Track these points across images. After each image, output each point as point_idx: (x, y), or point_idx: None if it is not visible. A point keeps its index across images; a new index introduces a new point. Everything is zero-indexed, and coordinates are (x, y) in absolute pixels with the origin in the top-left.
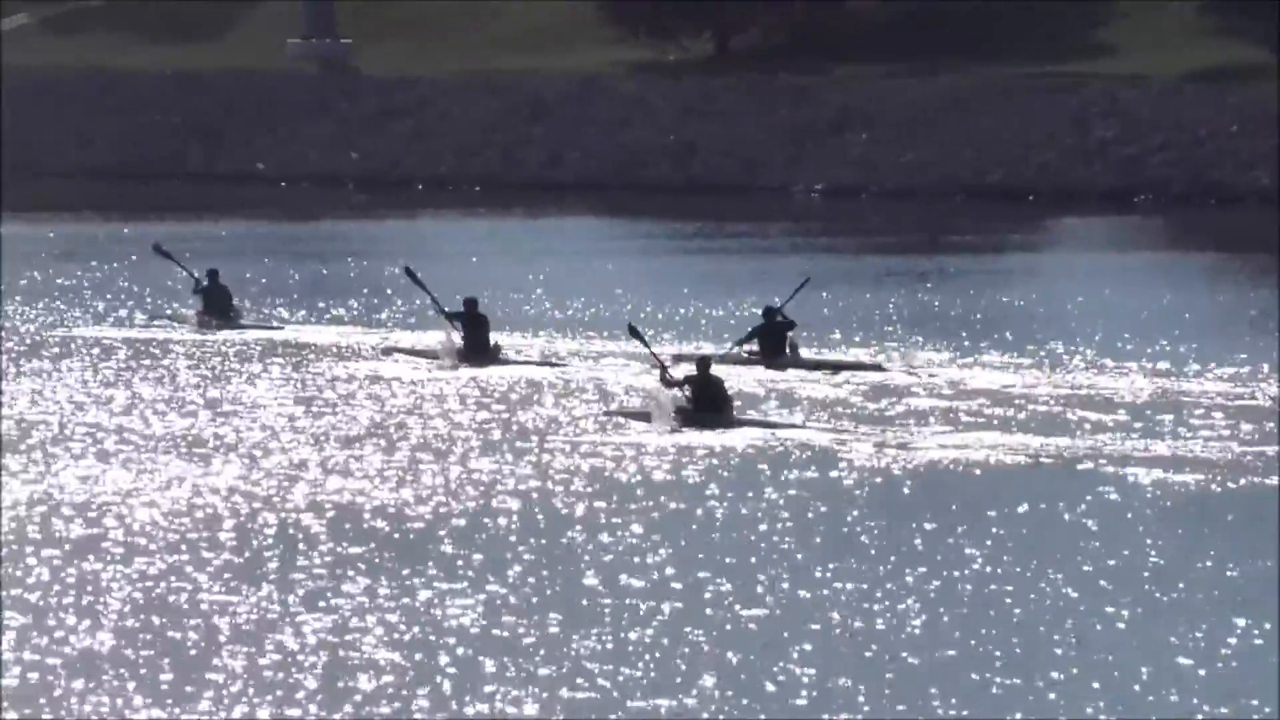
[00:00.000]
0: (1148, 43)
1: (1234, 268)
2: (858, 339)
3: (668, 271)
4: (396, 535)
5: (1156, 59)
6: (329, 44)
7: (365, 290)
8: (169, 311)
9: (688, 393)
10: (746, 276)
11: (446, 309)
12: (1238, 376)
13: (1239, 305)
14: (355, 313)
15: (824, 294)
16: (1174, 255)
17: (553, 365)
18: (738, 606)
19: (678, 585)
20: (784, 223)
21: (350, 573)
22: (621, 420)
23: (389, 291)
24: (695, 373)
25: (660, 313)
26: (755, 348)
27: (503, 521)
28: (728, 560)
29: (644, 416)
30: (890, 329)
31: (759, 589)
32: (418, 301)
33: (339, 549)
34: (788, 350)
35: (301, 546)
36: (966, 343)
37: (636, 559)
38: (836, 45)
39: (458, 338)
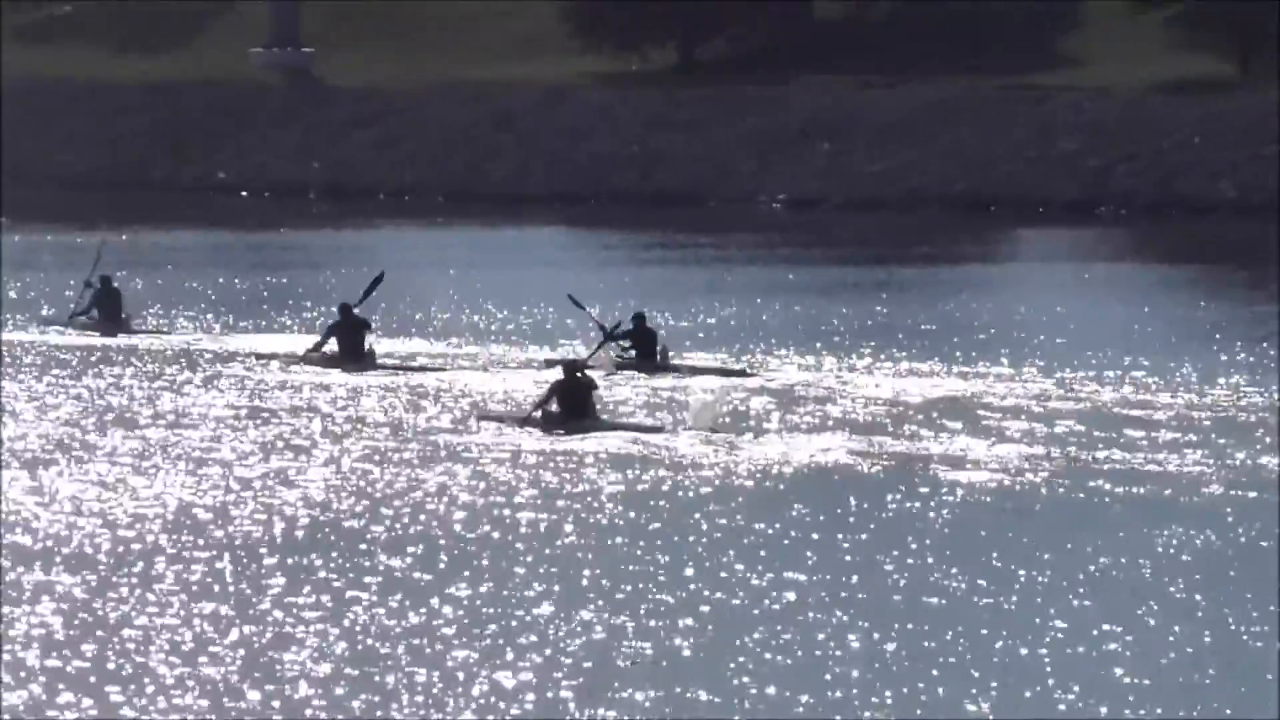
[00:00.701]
0: (1114, 55)
1: (1197, 278)
2: (799, 348)
3: (632, 281)
4: (263, 539)
5: (1122, 71)
6: (293, 53)
7: (309, 300)
8: (70, 311)
9: (553, 403)
10: (709, 286)
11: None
12: (1190, 386)
13: (1200, 316)
14: (301, 321)
15: (775, 305)
16: (1136, 266)
17: (428, 370)
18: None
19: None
20: (748, 233)
21: (200, 579)
22: (489, 424)
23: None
24: (562, 377)
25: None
26: (633, 353)
27: (372, 527)
28: (597, 565)
29: (513, 420)
30: (837, 339)
31: (634, 591)
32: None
33: (203, 555)
34: (659, 356)
35: (164, 553)
36: (903, 352)
37: (506, 563)
38: (802, 55)
39: (333, 344)
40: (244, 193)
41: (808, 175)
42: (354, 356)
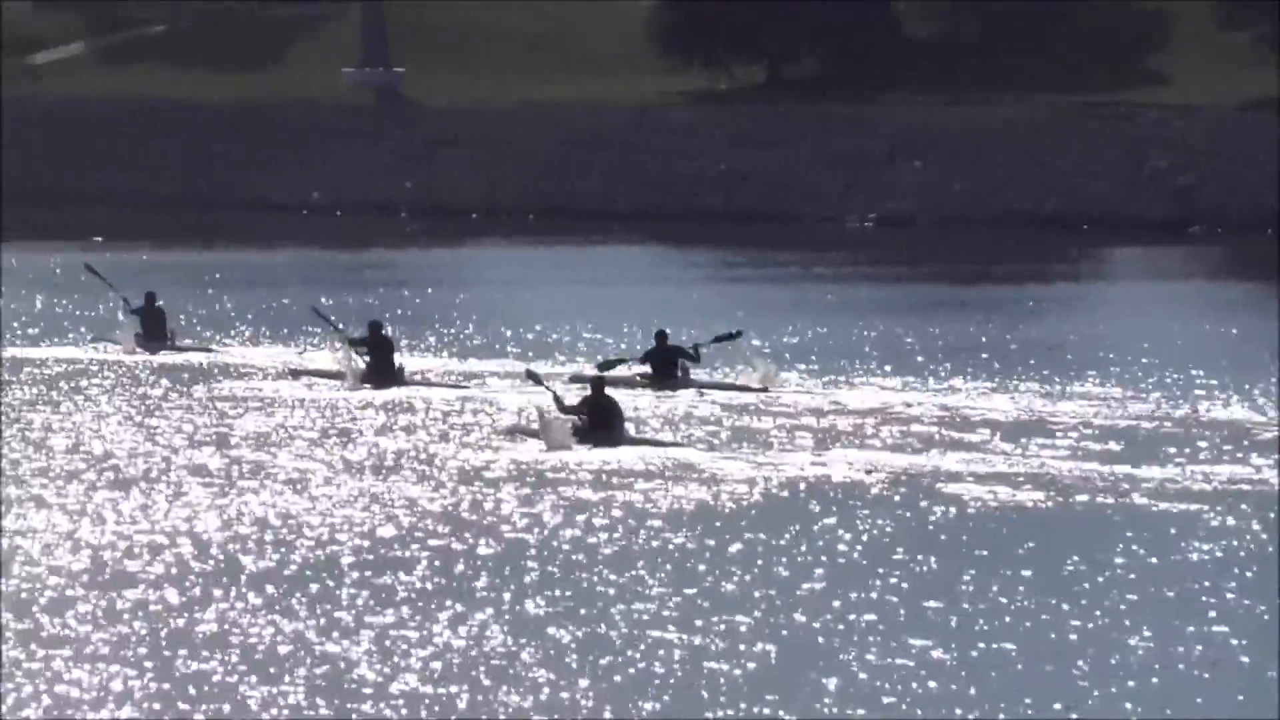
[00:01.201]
0: (1201, 72)
1: None
2: (880, 367)
3: (718, 300)
4: (297, 555)
5: (1210, 88)
6: (383, 72)
7: (403, 316)
8: (113, 332)
9: (583, 416)
10: (794, 304)
11: (355, 334)
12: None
13: None
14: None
15: (859, 323)
16: (1227, 284)
17: (455, 387)
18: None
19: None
20: (836, 252)
21: (245, 597)
22: (515, 439)
23: (432, 319)
24: (589, 393)
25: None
26: (648, 370)
27: (394, 542)
28: (615, 577)
29: (537, 435)
30: (920, 358)
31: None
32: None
33: (243, 571)
34: (679, 373)
35: (204, 570)
36: (984, 370)
37: (517, 575)
38: (891, 74)
39: (361, 361)
40: (337, 212)
41: (897, 194)
42: (385, 373)
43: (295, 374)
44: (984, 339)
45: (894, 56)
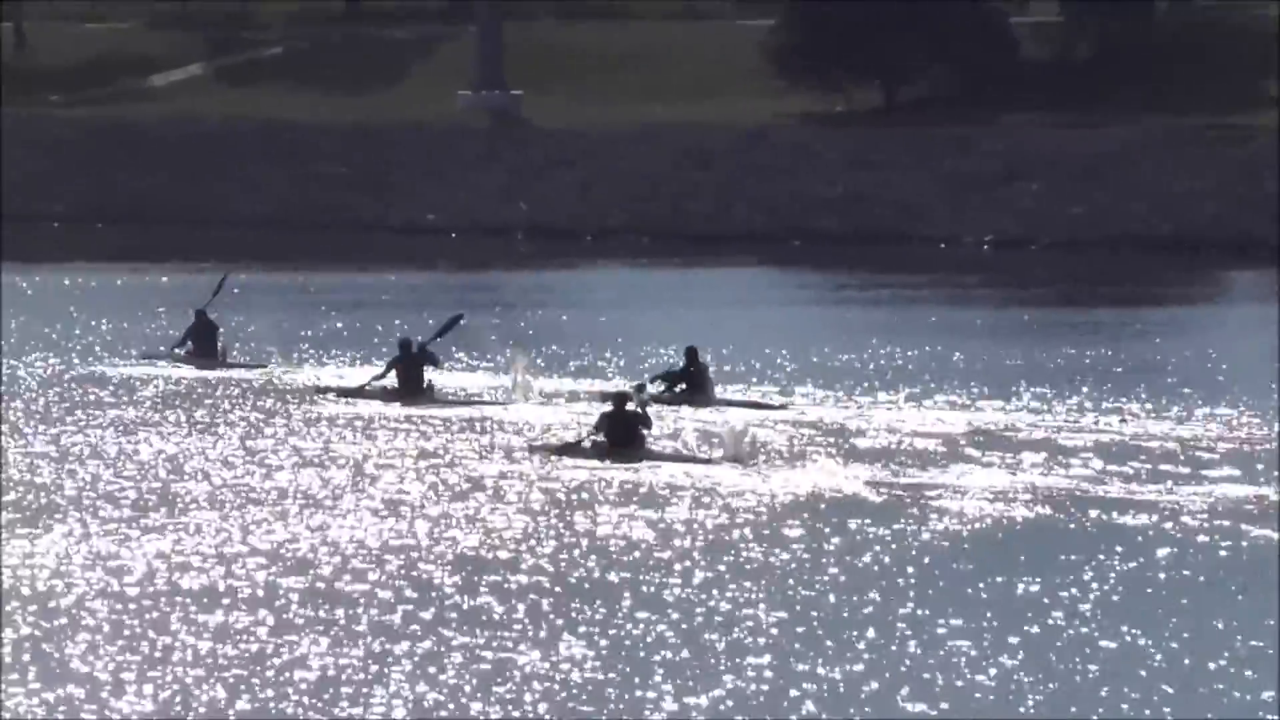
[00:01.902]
0: None
1: None
2: (984, 389)
3: (833, 322)
4: (330, 575)
5: None
6: (499, 95)
7: (515, 336)
8: (162, 348)
9: (602, 434)
10: (905, 328)
11: (388, 357)
12: None
13: None
14: (495, 360)
15: (967, 346)
16: None
17: (485, 403)
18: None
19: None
20: (949, 274)
21: (284, 612)
22: (544, 454)
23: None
24: (611, 408)
25: (826, 362)
26: (683, 387)
27: (409, 560)
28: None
29: (565, 450)
30: (1024, 380)
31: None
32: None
33: (277, 592)
34: (710, 390)
35: (254, 591)
36: (1090, 393)
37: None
38: (1006, 95)
39: (392, 378)
40: (451, 234)
41: (1011, 216)
42: (414, 391)
43: (322, 392)
44: (1087, 361)
45: (1010, 78)
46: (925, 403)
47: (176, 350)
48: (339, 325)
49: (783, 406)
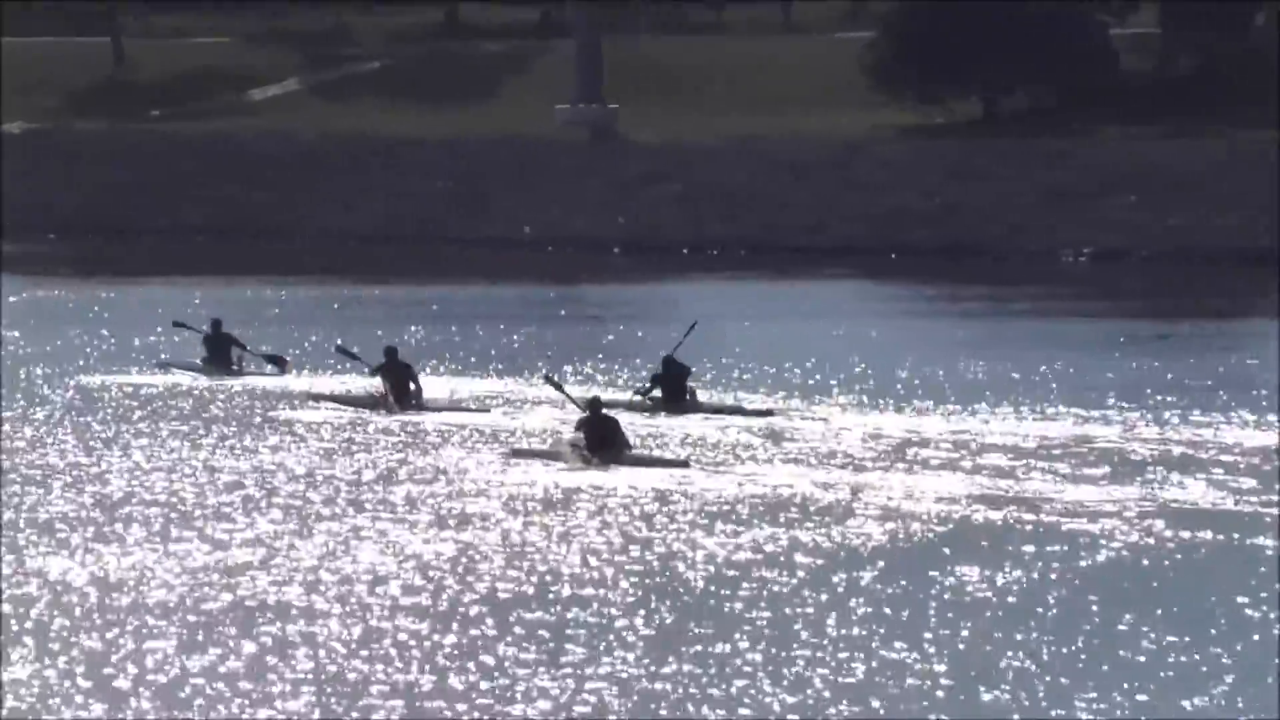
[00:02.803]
0: None
1: None
2: (1072, 402)
3: (929, 335)
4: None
5: None
6: (595, 109)
7: (609, 350)
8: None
9: (582, 437)
10: (1008, 341)
11: (370, 365)
12: None
13: None
14: (606, 373)
15: (1059, 358)
16: None
17: (471, 410)
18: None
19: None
20: (1046, 287)
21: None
22: (527, 460)
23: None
24: (588, 414)
25: (918, 376)
26: (658, 394)
27: (397, 563)
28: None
29: (549, 456)
30: (1113, 393)
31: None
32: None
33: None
34: (688, 396)
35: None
36: (1173, 406)
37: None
38: (1106, 107)
39: (378, 384)
40: (548, 247)
41: (1109, 228)
42: (402, 398)
43: (316, 399)
44: (1182, 374)
45: (1110, 90)
46: (1015, 415)
47: (191, 360)
48: (437, 338)
49: (768, 413)
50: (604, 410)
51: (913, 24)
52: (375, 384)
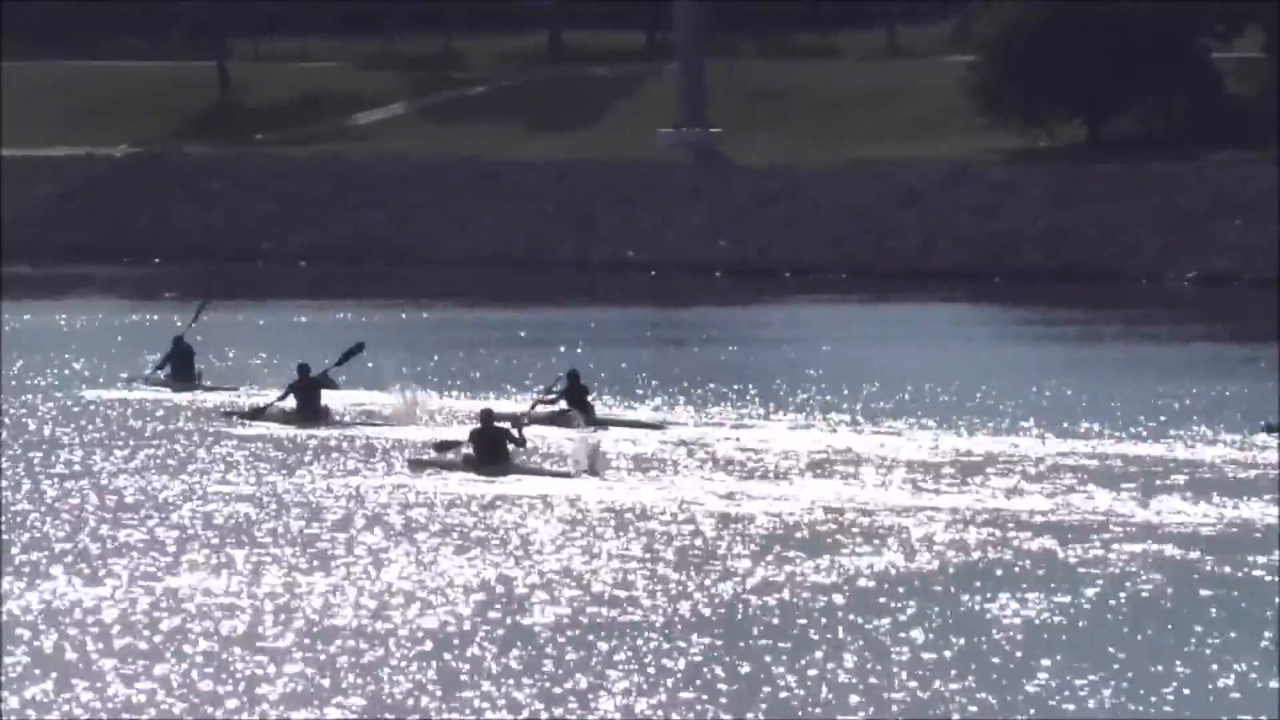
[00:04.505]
0: None
1: None
2: (1170, 425)
3: (1025, 357)
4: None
5: None
6: (700, 133)
7: (712, 373)
8: (146, 372)
9: (469, 448)
10: (1114, 364)
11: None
12: None
13: None
14: (698, 396)
15: (1163, 382)
16: None
17: (374, 425)
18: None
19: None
20: (1152, 310)
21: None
22: (419, 469)
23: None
24: (478, 425)
25: (1016, 400)
26: (565, 405)
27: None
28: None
29: (441, 465)
30: (1213, 415)
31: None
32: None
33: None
34: (589, 410)
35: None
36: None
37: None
38: (1212, 131)
39: (291, 403)
40: (652, 271)
41: (1217, 252)
42: (310, 414)
43: (228, 415)
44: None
45: (1215, 113)
46: (1099, 436)
47: (157, 373)
48: (537, 363)
49: (661, 426)
50: (495, 423)
51: (1016, 47)
52: (282, 398)
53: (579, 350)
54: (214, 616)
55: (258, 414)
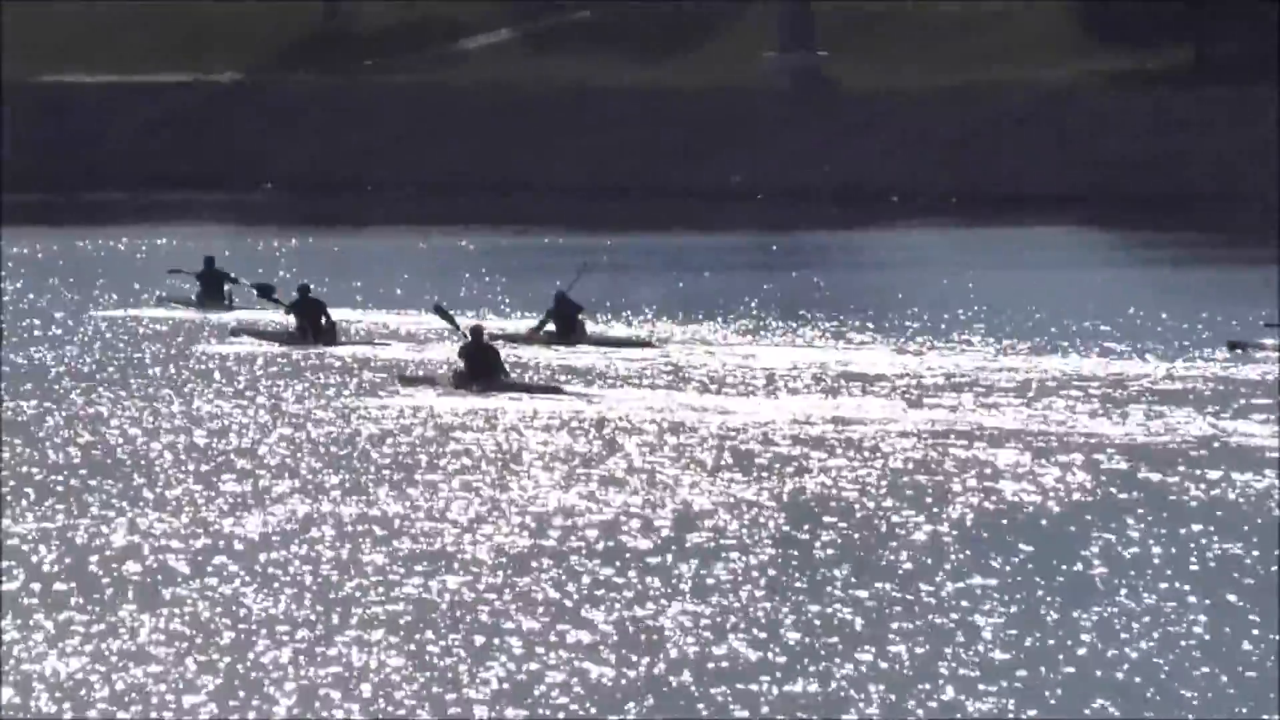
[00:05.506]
0: None
1: None
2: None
3: (1138, 283)
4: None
5: None
6: (803, 56)
7: (815, 299)
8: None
9: (461, 363)
10: (1218, 289)
11: (285, 301)
12: None
13: None
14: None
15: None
16: None
17: (375, 344)
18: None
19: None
20: (1261, 234)
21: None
22: (411, 386)
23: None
24: (469, 340)
25: (1117, 326)
26: (552, 328)
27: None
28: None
29: (429, 382)
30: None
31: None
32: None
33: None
34: (577, 330)
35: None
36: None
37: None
38: None
39: (292, 321)
40: (758, 196)
41: None
42: (314, 332)
43: (236, 333)
44: None
45: None
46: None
47: (181, 298)
48: (647, 289)
49: (650, 343)
50: (485, 339)
51: None
52: (290, 320)
53: (682, 278)
54: (226, 549)
55: (262, 332)
